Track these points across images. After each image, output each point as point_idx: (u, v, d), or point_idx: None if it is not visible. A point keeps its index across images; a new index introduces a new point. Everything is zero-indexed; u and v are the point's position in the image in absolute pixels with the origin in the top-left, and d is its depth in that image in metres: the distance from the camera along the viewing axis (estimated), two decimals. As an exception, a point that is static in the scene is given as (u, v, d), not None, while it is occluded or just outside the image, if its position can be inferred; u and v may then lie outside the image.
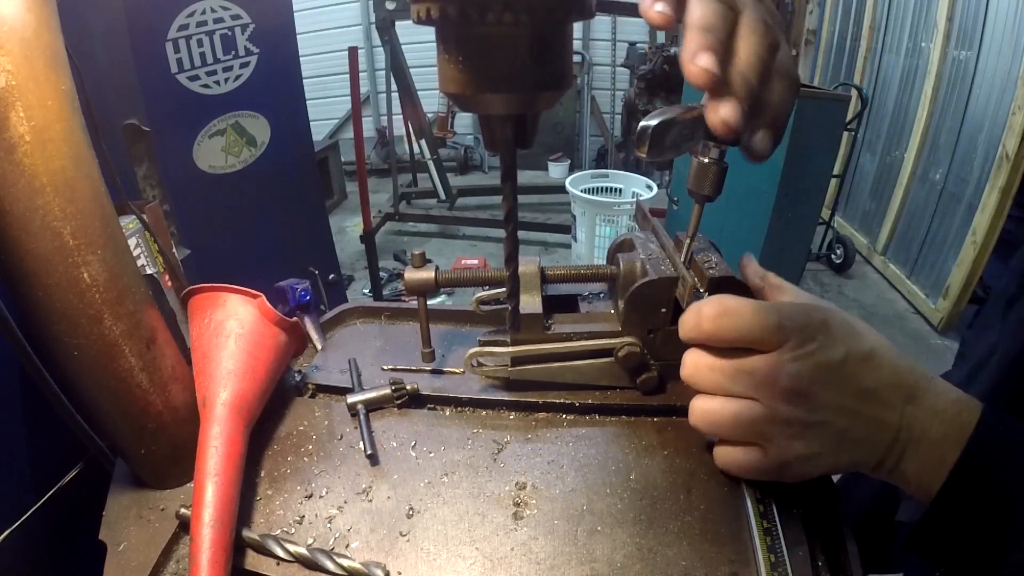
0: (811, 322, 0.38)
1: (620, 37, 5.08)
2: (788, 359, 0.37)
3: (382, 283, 3.28)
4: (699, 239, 0.48)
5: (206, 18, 1.50)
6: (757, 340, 0.38)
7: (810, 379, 0.37)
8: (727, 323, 0.38)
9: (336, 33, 5.21)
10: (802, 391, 0.37)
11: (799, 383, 0.37)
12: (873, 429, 0.38)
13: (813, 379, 0.37)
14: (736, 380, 0.38)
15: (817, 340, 0.37)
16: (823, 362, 0.37)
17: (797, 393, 0.37)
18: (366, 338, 0.61)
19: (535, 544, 0.39)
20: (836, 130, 2.56)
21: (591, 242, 3.21)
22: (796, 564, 0.37)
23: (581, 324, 0.50)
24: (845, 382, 0.37)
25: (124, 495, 0.44)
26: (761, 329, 0.37)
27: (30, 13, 0.34)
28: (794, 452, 0.38)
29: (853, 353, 0.37)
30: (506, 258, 0.44)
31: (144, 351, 0.41)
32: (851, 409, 0.37)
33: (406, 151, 4.26)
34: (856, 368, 0.37)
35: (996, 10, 2.63)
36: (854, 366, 0.37)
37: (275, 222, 1.87)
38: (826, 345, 0.37)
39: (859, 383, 0.37)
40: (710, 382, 0.40)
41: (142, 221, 0.72)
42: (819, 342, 0.37)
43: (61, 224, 0.36)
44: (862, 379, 0.37)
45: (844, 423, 0.38)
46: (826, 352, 0.37)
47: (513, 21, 0.30)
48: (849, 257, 3.50)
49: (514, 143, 0.37)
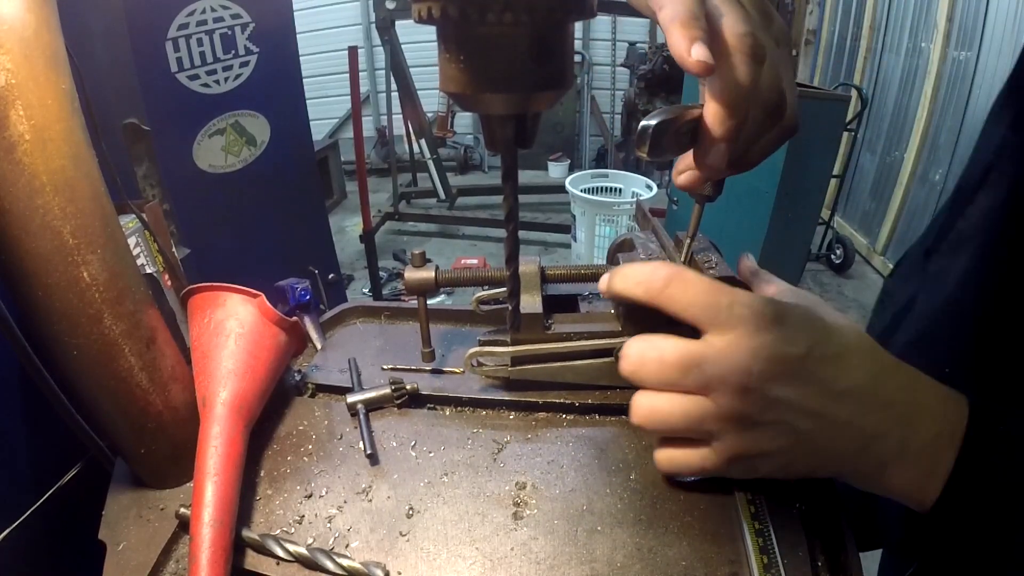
0: (766, 312, 0.35)
1: (620, 37, 5.09)
2: (737, 350, 0.34)
3: (382, 283, 3.28)
4: (699, 239, 0.48)
5: (206, 17, 1.50)
6: (702, 316, 0.35)
7: (760, 373, 0.34)
8: (677, 288, 0.36)
9: (336, 33, 5.21)
10: (751, 386, 0.34)
11: (748, 378, 0.34)
12: (840, 435, 0.35)
13: (765, 374, 0.34)
14: (686, 372, 0.35)
15: (772, 332, 0.34)
16: (777, 356, 0.34)
17: (747, 388, 0.34)
18: (366, 338, 0.61)
19: (535, 544, 0.39)
20: (836, 130, 2.56)
21: (591, 242, 3.21)
22: (795, 564, 0.37)
23: (581, 324, 0.50)
24: (805, 380, 0.35)
25: (124, 495, 0.44)
26: (708, 305, 0.35)
27: (30, 13, 0.34)
28: (740, 449, 0.36)
29: (818, 350, 0.35)
30: (507, 258, 0.44)
31: (144, 351, 0.41)
32: (812, 410, 0.35)
33: (406, 151, 4.26)
34: (820, 366, 0.35)
35: (996, 10, 2.63)
36: (818, 364, 0.35)
37: (275, 221, 1.87)
38: (782, 339, 0.34)
39: (824, 383, 0.35)
40: (657, 376, 0.37)
41: (142, 220, 0.72)
42: (774, 334, 0.34)
43: (61, 223, 0.36)
44: (828, 379, 0.35)
45: (805, 424, 0.35)
46: (782, 346, 0.34)
47: (513, 21, 0.30)
48: (849, 257, 3.50)
49: (514, 143, 0.37)
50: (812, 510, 0.41)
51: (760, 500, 0.40)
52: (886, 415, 0.35)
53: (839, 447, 0.36)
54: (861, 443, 0.35)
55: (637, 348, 0.37)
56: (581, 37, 5.14)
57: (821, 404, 0.35)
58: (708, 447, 0.37)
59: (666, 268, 0.37)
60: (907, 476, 0.35)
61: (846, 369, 0.35)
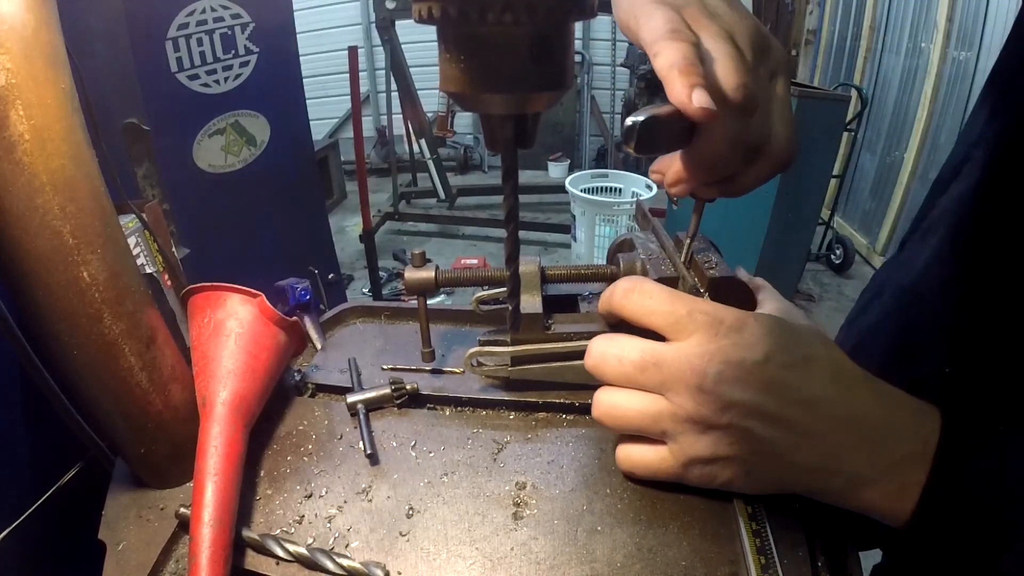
0: (725, 319, 0.35)
1: (620, 37, 5.08)
2: (695, 352, 0.34)
3: (382, 283, 3.29)
4: (699, 239, 0.48)
5: (206, 17, 1.50)
6: (663, 323, 0.36)
7: (716, 376, 0.34)
8: (635, 299, 0.37)
9: (336, 32, 5.21)
10: (706, 388, 0.34)
11: (703, 379, 0.34)
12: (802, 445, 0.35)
13: (720, 376, 0.34)
14: (643, 370, 0.36)
15: (730, 337, 0.34)
16: (734, 360, 0.34)
17: (701, 389, 0.34)
18: (366, 338, 0.61)
19: (535, 544, 0.39)
20: (836, 130, 2.57)
21: (591, 242, 3.22)
22: (795, 564, 0.37)
23: (581, 324, 0.50)
24: (764, 386, 0.34)
25: (124, 495, 0.44)
26: (668, 312, 0.36)
27: (30, 12, 0.34)
28: (695, 452, 0.36)
29: (779, 357, 0.34)
30: (507, 257, 0.44)
31: (144, 351, 0.41)
32: (771, 415, 0.34)
33: (406, 151, 4.26)
34: (781, 373, 0.34)
35: (996, 10, 2.64)
36: (778, 370, 0.34)
37: (275, 221, 1.87)
38: (741, 344, 0.34)
39: (785, 390, 0.34)
40: (616, 372, 0.38)
41: (142, 220, 0.72)
42: (732, 340, 0.34)
43: (61, 223, 0.36)
44: (790, 386, 0.34)
45: (764, 431, 0.34)
46: (739, 351, 0.34)
47: (513, 21, 0.30)
48: (849, 257, 3.50)
49: (514, 143, 0.37)
50: (812, 510, 0.41)
51: (758, 501, 0.40)
52: (853, 429, 0.35)
53: (802, 459, 0.35)
54: (826, 456, 0.35)
55: (600, 345, 0.39)
56: (581, 37, 5.14)
57: (780, 410, 0.34)
58: (666, 448, 0.38)
59: (628, 280, 0.39)
60: (879, 493, 0.35)
61: (809, 378, 0.35)
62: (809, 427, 0.35)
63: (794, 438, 0.35)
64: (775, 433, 0.35)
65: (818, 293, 3.36)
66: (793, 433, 0.35)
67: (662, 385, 0.36)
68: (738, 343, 0.34)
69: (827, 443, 0.35)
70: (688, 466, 0.37)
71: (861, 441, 0.35)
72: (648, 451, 0.39)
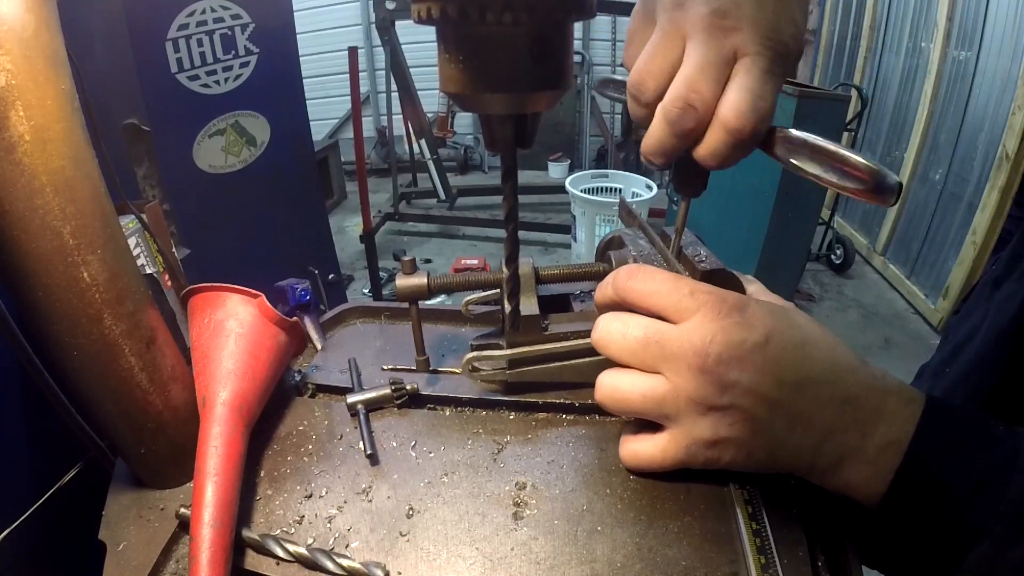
0: (728, 299, 0.36)
1: (620, 37, 5.08)
2: (697, 332, 0.35)
3: (382, 283, 3.28)
4: (685, 234, 0.48)
5: (206, 18, 1.50)
6: (664, 305, 0.37)
7: (717, 356, 0.34)
8: (639, 282, 0.38)
9: (336, 33, 5.21)
10: (708, 368, 0.35)
11: (704, 359, 0.34)
12: (797, 425, 0.35)
13: (721, 357, 0.34)
14: (646, 346, 0.37)
15: (732, 317, 0.35)
16: (735, 340, 0.34)
17: (703, 369, 0.35)
18: (366, 338, 0.61)
19: (535, 544, 0.39)
20: (836, 130, 2.56)
21: (591, 242, 3.22)
22: (795, 564, 0.37)
23: (577, 323, 0.50)
24: (764, 367, 0.35)
25: (124, 495, 0.44)
26: (669, 292, 0.36)
27: (30, 13, 0.34)
28: (697, 433, 0.36)
29: (777, 339, 0.35)
30: (506, 258, 0.44)
31: (144, 351, 0.41)
32: (770, 398, 0.35)
33: (406, 151, 4.26)
34: (780, 354, 0.35)
35: (996, 10, 2.64)
36: (778, 351, 0.35)
37: (275, 222, 1.87)
38: (742, 324, 0.35)
39: (783, 371, 0.35)
40: (619, 347, 0.38)
41: (142, 221, 0.72)
42: (734, 319, 0.35)
43: (61, 224, 0.36)
44: (787, 367, 0.35)
45: (762, 412, 0.35)
46: (740, 331, 0.35)
47: (513, 21, 0.30)
48: (849, 257, 3.50)
49: (514, 143, 0.37)
50: (812, 510, 0.41)
51: (757, 500, 0.40)
52: (845, 411, 0.35)
53: (796, 439, 0.36)
54: (819, 436, 0.36)
55: (606, 321, 0.40)
56: (581, 37, 5.14)
57: (778, 392, 0.35)
58: (668, 434, 0.38)
59: (630, 266, 0.40)
60: (862, 475, 0.36)
61: (806, 360, 0.36)
62: (804, 408, 0.35)
63: (790, 419, 0.35)
64: (772, 413, 0.35)
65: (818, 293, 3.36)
66: (789, 413, 0.35)
67: (664, 363, 0.36)
68: (740, 323, 0.35)
69: (821, 423, 0.35)
70: (691, 450, 0.38)
71: (850, 424, 0.35)
72: (651, 442, 0.39)
